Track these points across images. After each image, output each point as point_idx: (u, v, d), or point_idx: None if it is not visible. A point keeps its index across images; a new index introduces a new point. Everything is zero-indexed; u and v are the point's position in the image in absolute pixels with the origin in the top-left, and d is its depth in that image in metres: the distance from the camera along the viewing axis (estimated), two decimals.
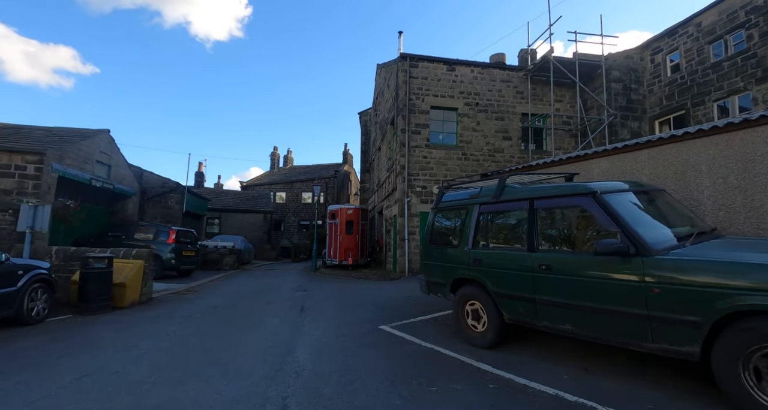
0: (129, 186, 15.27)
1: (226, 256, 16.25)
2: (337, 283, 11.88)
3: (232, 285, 11.49)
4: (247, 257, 19.95)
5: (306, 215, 34.52)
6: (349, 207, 16.20)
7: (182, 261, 12.07)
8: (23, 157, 10.48)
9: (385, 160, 17.25)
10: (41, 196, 10.54)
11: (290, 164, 41.61)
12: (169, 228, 12.09)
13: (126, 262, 7.58)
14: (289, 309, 7.43)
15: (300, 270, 17.36)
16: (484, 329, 4.75)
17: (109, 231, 12.26)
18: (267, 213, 28.17)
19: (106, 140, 13.87)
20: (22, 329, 5.42)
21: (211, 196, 27.16)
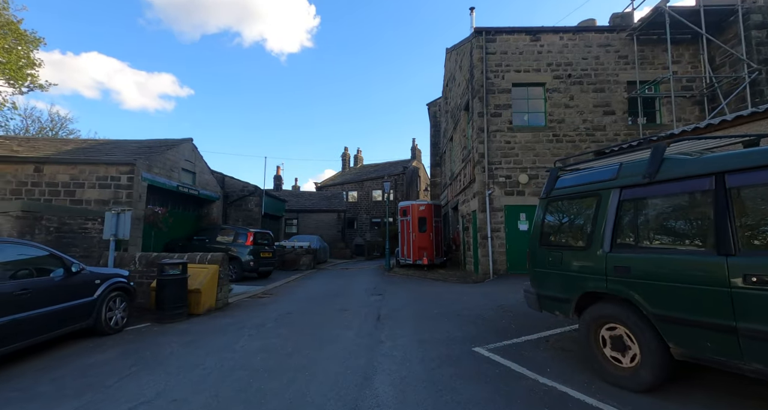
0: (212, 191, 16.01)
1: (303, 256, 16.26)
2: (414, 286, 10.88)
3: (308, 287, 11.14)
4: (323, 256, 20.00)
5: (377, 213, 34.25)
6: (421, 204, 15.12)
7: (260, 262, 12.11)
8: (117, 168, 11.24)
9: (458, 150, 15.82)
10: (133, 204, 11.21)
11: (360, 163, 41.83)
12: (247, 231, 12.21)
13: (201, 267, 7.43)
14: (364, 318, 6.61)
15: (374, 269, 16.76)
16: (634, 364, 3.35)
17: (195, 235, 12.80)
18: (340, 211, 28.35)
19: (190, 148, 14.60)
20: (99, 339, 5.31)
21: (288, 197, 28.11)
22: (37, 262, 4.76)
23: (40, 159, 11.11)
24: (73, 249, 7.66)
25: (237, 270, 11.74)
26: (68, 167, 11.13)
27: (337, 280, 12.74)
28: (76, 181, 11.10)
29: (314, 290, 10.42)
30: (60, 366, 4.31)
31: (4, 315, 4.01)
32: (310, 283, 11.94)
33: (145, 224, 11.61)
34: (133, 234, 11.13)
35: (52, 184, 11.05)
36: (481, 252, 11.62)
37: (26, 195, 10.98)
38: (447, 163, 19.65)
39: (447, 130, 19.43)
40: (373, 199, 34.85)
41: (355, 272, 15.86)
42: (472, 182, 12.55)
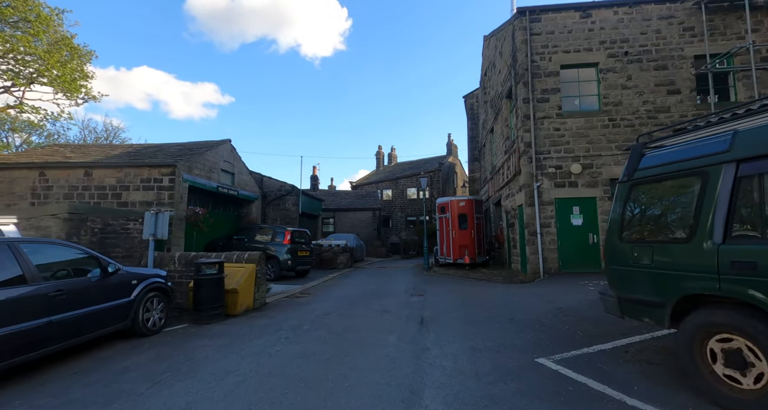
0: (251, 191, 16.17)
1: (340, 255, 16.05)
2: (456, 286, 10.24)
3: (345, 286, 10.82)
4: (359, 255, 19.74)
5: (412, 210, 33.66)
6: (461, 199, 14.38)
7: (298, 261, 11.96)
8: (159, 170, 11.48)
9: (500, 141, 14.91)
10: (175, 204, 11.40)
11: (394, 161, 41.39)
12: (284, 229, 12.11)
13: (238, 267, 7.25)
14: (406, 321, 6.11)
15: (412, 268, 16.22)
16: (760, 387, 2.61)
17: (234, 234, 12.90)
18: (375, 210, 28.07)
19: (228, 149, 14.79)
20: (136, 341, 5.19)
21: (324, 196, 28.20)
22: (73, 263, 4.67)
23: (90, 164, 11.58)
24: (116, 249, 7.78)
25: (275, 269, 11.65)
26: (114, 170, 11.52)
27: (374, 279, 12.34)
28: (122, 184, 11.46)
29: (352, 290, 10.06)
30: (94, 370, 4.16)
31: (37, 318, 3.90)
32: (347, 282, 11.63)
33: (186, 224, 11.80)
34: (176, 234, 11.33)
35: (100, 187, 11.48)
36: (529, 250, 10.75)
37: (77, 198, 11.48)
38: (487, 156, 18.71)
39: (486, 121, 18.50)
40: (407, 197, 34.30)
41: (392, 271, 15.41)
42: (518, 174, 11.68)
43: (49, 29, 17.97)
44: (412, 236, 32.03)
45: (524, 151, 11.05)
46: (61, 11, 18.67)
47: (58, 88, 17.84)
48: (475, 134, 23.53)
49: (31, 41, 16.77)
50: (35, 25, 17.12)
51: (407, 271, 14.97)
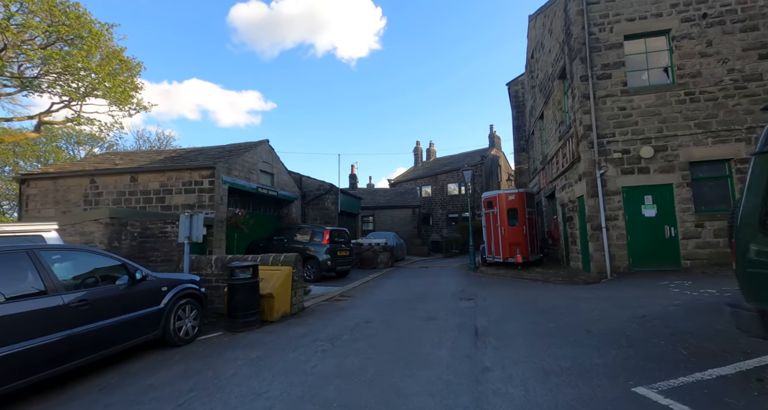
0: (290, 191, 16.05)
1: (380, 254, 15.49)
2: (510, 289, 9.27)
3: (387, 288, 10.20)
4: (400, 253, 19.10)
5: (453, 207, 32.50)
6: (510, 193, 13.25)
7: (337, 261, 11.53)
8: (199, 173, 11.50)
9: (552, 127, 13.60)
10: (215, 206, 11.37)
11: (433, 157, 40.30)
12: (323, 229, 11.73)
13: (274, 270, 6.85)
14: (457, 331, 5.35)
15: (456, 268, 15.30)
16: None
17: (274, 235, 12.73)
18: (415, 207, 27.31)
19: (267, 150, 14.70)
20: (168, 352, 4.87)
21: (363, 195, 27.87)
22: (98, 270, 4.40)
23: (135, 169, 11.86)
24: (154, 253, 7.70)
25: (315, 270, 11.30)
26: (158, 175, 11.69)
27: (417, 281, 11.62)
28: (165, 188, 11.62)
29: (394, 292, 9.42)
30: (119, 387, 3.83)
31: (56, 331, 3.60)
32: (389, 284, 11.00)
33: (227, 226, 11.76)
34: (217, 237, 11.29)
35: (145, 192, 11.71)
36: (592, 247, 9.53)
37: (125, 203, 11.79)
38: (536, 145, 17.32)
39: (535, 107, 17.11)
40: (448, 193, 33.16)
41: (435, 271, 14.60)
42: (576, 162, 10.45)
43: (100, 44, 18.98)
44: (453, 234, 30.93)
45: (583, 136, 9.81)
46: (111, 26, 19.67)
47: (110, 99, 18.80)
48: (520, 123, 22.03)
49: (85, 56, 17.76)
50: (88, 41, 18.12)
51: (452, 272, 14.10)
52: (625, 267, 9.29)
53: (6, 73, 17.21)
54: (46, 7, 16.65)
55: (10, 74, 17.35)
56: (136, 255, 7.70)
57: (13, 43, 16.56)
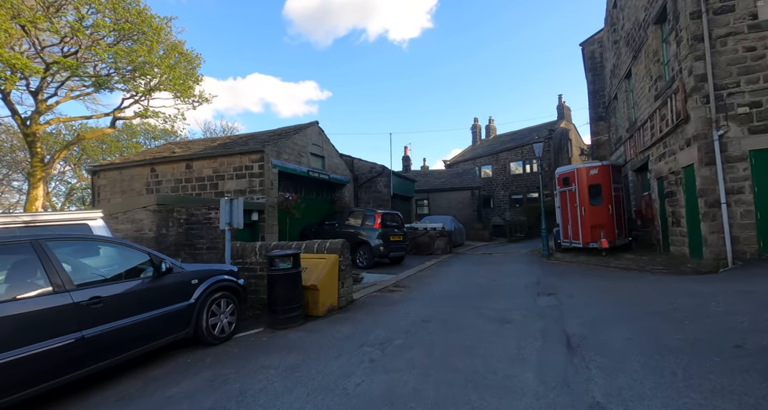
0: (342, 174, 15.45)
1: (437, 239, 14.39)
2: (598, 280, 7.72)
3: (446, 277, 9.15)
4: (458, 238, 17.80)
5: (517, 188, 30.09)
6: (592, 166, 11.27)
7: (390, 247, 10.67)
8: (249, 157, 11.20)
9: (645, 85, 11.27)
10: (265, 191, 11.03)
11: (493, 134, 37.62)
12: (375, 212, 10.92)
13: (318, 258, 6.13)
14: (541, 339, 4.17)
15: (525, 254, 13.71)
16: None
17: (326, 220, 12.21)
18: (474, 189, 25.56)
19: (317, 132, 14.13)
20: (200, 353, 4.34)
21: (417, 177, 26.71)
22: (117, 262, 3.91)
23: (189, 156, 11.90)
24: (200, 240, 7.40)
25: (367, 255, 10.57)
26: (210, 161, 11.63)
27: (481, 269, 10.38)
28: (217, 174, 11.53)
29: (455, 283, 8.34)
30: (138, 397, 3.30)
31: (64, 333, 3.11)
32: (448, 273, 9.92)
33: (279, 211, 11.43)
34: (269, 222, 11.00)
35: (200, 179, 11.74)
36: (706, 227, 7.57)
37: (182, 190, 11.93)
38: (621, 110, 14.79)
39: (618, 66, 14.53)
40: (511, 173, 30.74)
41: (500, 258, 13.18)
42: (682, 123, 8.37)
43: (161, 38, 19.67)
44: (518, 216, 28.71)
45: (694, 88, 7.72)
46: (169, 19, 20.29)
47: (171, 91, 19.52)
48: (598, 88, 19.17)
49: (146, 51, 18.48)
50: (149, 36, 18.81)
51: (520, 259, 12.59)
52: (753, 253, 7.27)
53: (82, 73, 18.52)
54: (110, 5, 17.43)
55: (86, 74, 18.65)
56: (183, 242, 7.47)
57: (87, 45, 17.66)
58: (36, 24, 15.74)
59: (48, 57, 17.54)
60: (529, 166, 30.22)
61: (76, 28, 16.83)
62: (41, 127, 19.88)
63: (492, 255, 14.02)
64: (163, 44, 19.83)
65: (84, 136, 21.18)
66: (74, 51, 18.48)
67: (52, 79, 19.43)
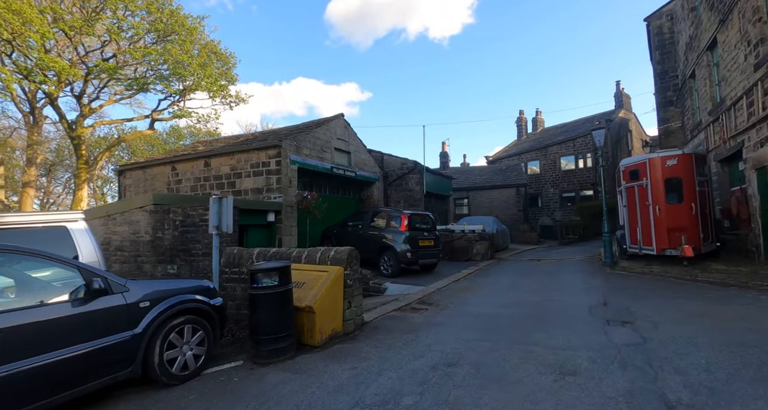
0: (370, 171, 14.30)
1: (476, 243, 12.79)
2: (687, 301, 5.87)
3: (485, 292, 7.65)
4: (501, 242, 16.00)
5: (569, 185, 27.38)
6: (669, 155, 9.17)
7: (419, 253, 9.31)
8: (266, 153, 10.34)
9: (739, 54, 9.02)
10: (283, 190, 10.11)
11: (540, 127, 34.81)
12: (401, 213, 9.60)
13: (319, 271, 4.96)
14: (635, 407, 2.68)
15: (581, 261, 11.75)
16: None
17: (349, 220, 11.08)
18: (520, 186, 23.41)
19: (342, 125, 13.09)
20: (147, 399, 3.29)
21: (455, 174, 25.00)
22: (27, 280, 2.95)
23: (207, 153, 11.29)
24: (195, 245, 6.52)
25: (392, 262, 9.28)
26: (228, 158, 10.93)
27: (528, 281, 8.72)
28: (234, 171, 10.80)
29: (495, 300, 6.83)
30: None
31: None
32: (487, 286, 8.38)
33: (298, 211, 10.48)
34: (286, 223, 10.07)
35: (217, 177, 11.08)
36: None
37: (200, 189, 11.35)
38: (700, 90, 12.34)
39: (698, 35, 12.11)
40: (561, 169, 28.05)
41: (552, 266, 11.34)
42: None
43: (194, 37, 19.66)
44: (569, 216, 26.08)
45: None
46: (202, 18, 20.26)
47: (202, 90, 19.43)
48: (667, 68, 16.49)
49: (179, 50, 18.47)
50: (181, 35, 18.80)
51: (577, 267, 10.71)
52: None
53: (120, 75, 18.89)
54: (143, 5, 17.53)
55: (124, 77, 19.00)
56: (178, 247, 6.64)
57: (124, 48, 17.93)
58: (78, 29, 16.10)
59: (90, 62, 18.03)
60: (582, 161, 27.42)
61: (113, 31, 17.09)
62: (85, 130, 20.63)
63: (542, 262, 12.19)
64: (197, 44, 19.82)
65: (124, 138, 21.77)
66: (113, 55, 18.93)
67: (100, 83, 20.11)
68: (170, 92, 19.28)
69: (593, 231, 22.06)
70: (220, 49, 21.43)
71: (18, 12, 13.40)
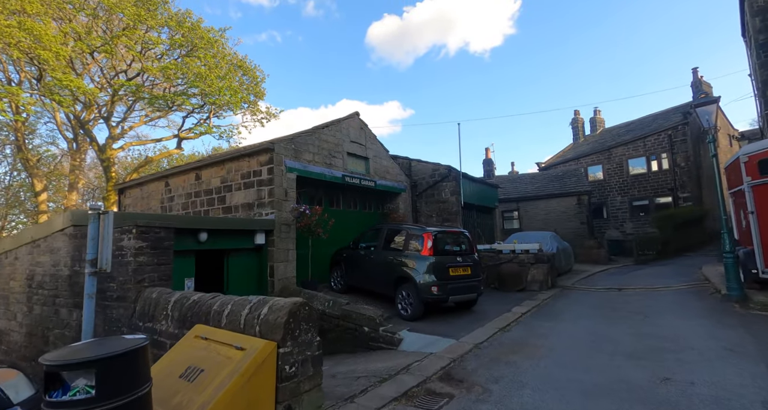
0: (394, 180, 11.99)
1: (531, 268, 9.86)
2: None
3: (552, 359, 4.88)
4: (564, 262, 12.78)
5: (640, 191, 23.18)
6: None
7: (449, 286, 6.65)
8: (258, 159, 8.45)
9: None
10: (276, 204, 8.09)
11: (601, 127, 30.61)
12: (423, 231, 7.04)
13: (231, 347, 2.67)
14: None
15: (683, 291, 8.42)
16: None
17: (360, 240, 8.72)
18: (581, 194, 19.86)
19: (357, 126, 10.97)
20: None
21: (501, 183, 21.93)
22: None
23: (198, 164, 9.65)
24: (109, 285, 4.50)
25: (413, 300, 6.74)
26: (218, 168, 9.19)
27: (617, 332, 5.76)
28: (225, 184, 9.02)
29: (570, 378, 4.09)
30: None
31: None
32: (553, 341, 5.55)
33: (298, 230, 8.39)
34: (280, 246, 8.01)
35: (207, 191, 9.37)
36: None
37: (191, 207, 9.71)
38: None
39: None
40: (629, 173, 23.89)
41: (642, 299, 8.16)
42: None
43: (215, 51, 18.97)
44: (643, 228, 21.90)
45: None
46: (223, 30, 19.60)
47: (219, 102, 18.51)
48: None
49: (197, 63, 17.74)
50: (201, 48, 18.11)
51: (681, 301, 7.49)
52: None
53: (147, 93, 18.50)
54: (163, 20, 17.02)
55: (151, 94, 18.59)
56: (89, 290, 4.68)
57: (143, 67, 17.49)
58: (97, 48, 15.81)
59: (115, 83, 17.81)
60: (655, 163, 23.16)
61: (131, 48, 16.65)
62: (114, 152, 20.53)
63: (624, 293, 8.98)
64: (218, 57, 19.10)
65: (151, 159, 21.47)
66: (137, 74, 18.67)
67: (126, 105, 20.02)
68: (190, 107, 18.61)
69: (676, 246, 17.90)
70: (246, 62, 20.70)
71: (29, 30, 13.09)
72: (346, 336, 6.57)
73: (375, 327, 6.24)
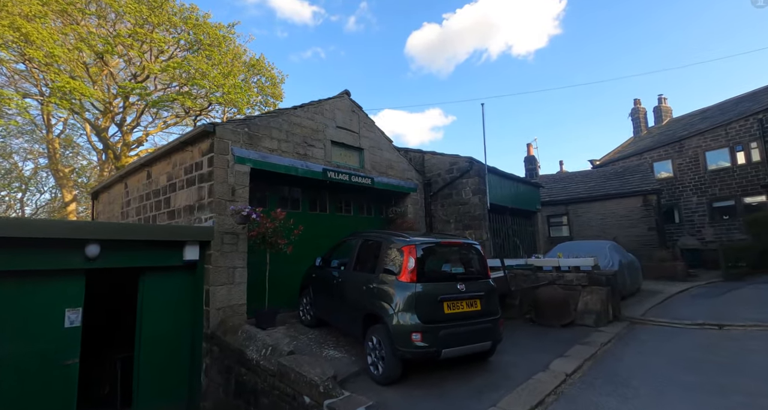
0: (399, 177, 9.61)
1: (583, 291, 6.99)
2: None
3: None
4: (629, 282, 9.57)
5: (722, 190, 18.92)
6: None
7: (439, 332, 4.08)
8: (199, 148, 6.49)
9: None
10: (217, 206, 6.04)
11: (667, 117, 26.12)
12: (404, 243, 4.50)
13: None
14: None
15: None
16: None
17: (330, 256, 6.35)
18: (648, 193, 16.22)
19: (346, 108, 8.70)
20: None
21: (546, 183, 18.73)
22: None
23: (147, 159, 7.90)
24: None
25: (385, 353, 4.29)
26: (165, 164, 7.37)
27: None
28: (171, 182, 7.17)
29: None
30: None
31: None
32: None
33: (250, 242, 6.27)
34: (223, 264, 5.93)
35: (156, 192, 7.58)
36: None
37: (143, 212, 7.98)
38: None
39: None
40: (707, 168, 19.62)
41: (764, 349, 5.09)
42: None
43: (222, 47, 17.86)
44: (728, 234, 17.81)
45: None
46: (232, 25, 18.50)
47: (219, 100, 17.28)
48: None
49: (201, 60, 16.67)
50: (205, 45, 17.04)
51: None
52: None
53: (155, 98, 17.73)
54: (165, 18, 16.10)
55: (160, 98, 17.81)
56: None
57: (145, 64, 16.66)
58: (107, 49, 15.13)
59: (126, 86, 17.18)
60: (742, 154, 18.81)
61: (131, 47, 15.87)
62: (130, 159, 20.06)
63: (729, 332, 5.88)
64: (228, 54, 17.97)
65: None
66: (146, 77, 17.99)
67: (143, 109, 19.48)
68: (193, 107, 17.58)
69: None
70: (261, 62, 19.50)
71: (18, 28, 12.42)
72: (283, 408, 4.27)
73: (318, 400, 3.89)
